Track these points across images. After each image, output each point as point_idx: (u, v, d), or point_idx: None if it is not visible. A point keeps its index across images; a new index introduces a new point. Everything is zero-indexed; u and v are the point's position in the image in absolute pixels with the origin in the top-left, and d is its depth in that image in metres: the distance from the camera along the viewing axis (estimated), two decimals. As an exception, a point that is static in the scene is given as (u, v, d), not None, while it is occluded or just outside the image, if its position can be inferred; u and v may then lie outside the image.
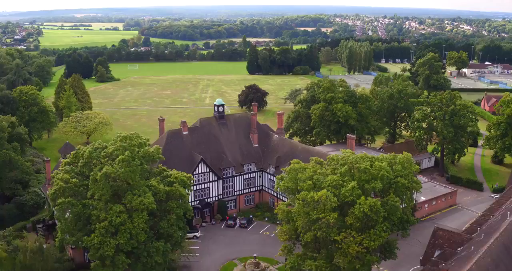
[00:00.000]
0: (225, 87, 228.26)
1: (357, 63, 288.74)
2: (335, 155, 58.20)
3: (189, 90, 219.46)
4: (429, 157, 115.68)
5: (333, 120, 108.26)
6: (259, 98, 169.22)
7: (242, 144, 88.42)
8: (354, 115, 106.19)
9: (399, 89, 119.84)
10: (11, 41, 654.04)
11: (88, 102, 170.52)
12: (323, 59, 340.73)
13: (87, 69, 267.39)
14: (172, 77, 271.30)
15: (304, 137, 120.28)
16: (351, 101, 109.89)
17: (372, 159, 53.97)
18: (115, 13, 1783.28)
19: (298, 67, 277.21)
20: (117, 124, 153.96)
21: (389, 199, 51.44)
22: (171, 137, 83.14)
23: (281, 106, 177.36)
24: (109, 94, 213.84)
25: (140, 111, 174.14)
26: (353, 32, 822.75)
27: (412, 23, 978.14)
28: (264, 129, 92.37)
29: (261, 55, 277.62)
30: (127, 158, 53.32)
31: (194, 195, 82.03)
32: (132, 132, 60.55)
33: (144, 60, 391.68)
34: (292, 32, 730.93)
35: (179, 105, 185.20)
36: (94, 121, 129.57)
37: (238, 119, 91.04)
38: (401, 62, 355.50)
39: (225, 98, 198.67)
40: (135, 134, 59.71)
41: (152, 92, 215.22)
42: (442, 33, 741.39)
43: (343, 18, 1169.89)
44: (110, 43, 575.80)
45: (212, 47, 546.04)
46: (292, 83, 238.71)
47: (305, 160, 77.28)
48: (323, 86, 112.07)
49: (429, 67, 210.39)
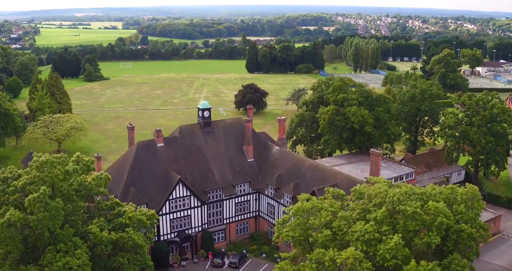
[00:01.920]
0: (222, 87, 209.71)
1: (364, 62, 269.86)
2: (363, 186, 39.55)
3: (182, 90, 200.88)
4: (459, 170, 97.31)
5: (346, 127, 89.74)
6: (257, 99, 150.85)
7: (234, 158, 69.97)
8: (371, 120, 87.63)
9: (423, 89, 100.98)
10: (6, 40, 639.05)
11: (67, 104, 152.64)
12: (327, 57, 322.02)
13: (75, 68, 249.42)
14: (165, 76, 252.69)
15: (310, 145, 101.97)
16: (367, 103, 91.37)
17: (423, 196, 35.31)
18: (115, 12, 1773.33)
19: (301, 66, 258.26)
20: (96, 129, 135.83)
21: (453, 261, 32.90)
22: (142, 150, 64.79)
23: (283, 108, 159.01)
24: (94, 94, 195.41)
25: (125, 113, 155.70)
26: (356, 31, 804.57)
27: (415, 22, 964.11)
28: (261, 140, 73.88)
29: (261, 52, 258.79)
30: (42, 198, 34.65)
31: (171, 225, 63.65)
32: (58, 155, 41.64)
33: (139, 59, 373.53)
34: (293, 31, 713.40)
35: (169, 106, 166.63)
36: (65, 126, 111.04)
37: (228, 127, 72.44)
38: (409, 60, 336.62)
39: (221, 99, 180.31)
40: (62, 157, 40.79)
41: (141, 93, 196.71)
42: (446, 32, 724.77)
43: (345, 17, 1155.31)
44: (107, 42, 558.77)
45: (211, 46, 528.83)
46: (295, 83, 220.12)
47: (314, 181, 58.97)
48: (333, 85, 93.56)
49: (445, 65, 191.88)
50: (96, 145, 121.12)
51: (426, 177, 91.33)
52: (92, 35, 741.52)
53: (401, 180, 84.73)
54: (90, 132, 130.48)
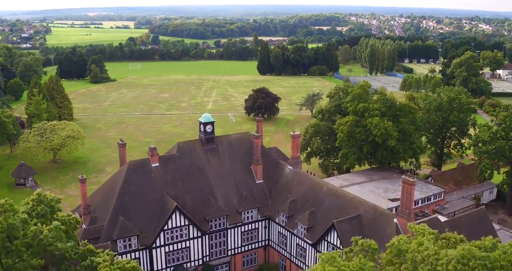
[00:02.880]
0: (232, 90, 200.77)
1: (380, 63, 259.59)
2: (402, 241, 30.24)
3: (191, 93, 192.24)
4: (491, 188, 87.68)
5: (366, 140, 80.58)
6: (269, 104, 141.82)
7: (240, 180, 61.04)
8: (394, 133, 78.33)
9: (451, 97, 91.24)
10: (17, 39, 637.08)
11: (68, 108, 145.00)
12: (341, 58, 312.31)
13: (81, 69, 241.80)
14: (174, 77, 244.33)
15: (325, 158, 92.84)
16: (390, 113, 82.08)
17: (486, 262, 26.06)
18: (128, 11, 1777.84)
19: (315, 67, 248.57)
20: (96, 135, 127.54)
21: None
22: (133, 172, 56.06)
23: (296, 114, 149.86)
24: (99, 97, 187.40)
25: (129, 118, 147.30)
26: (370, 31, 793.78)
27: (429, 22, 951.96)
28: (272, 158, 64.86)
29: (273, 53, 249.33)
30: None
31: (166, 259, 54.83)
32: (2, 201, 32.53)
33: (148, 59, 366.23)
34: (306, 31, 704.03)
35: (175, 111, 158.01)
36: (60, 134, 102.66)
37: (234, 143, 63.42)
38: (426, 62, 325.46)
39: (230, 103, 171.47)
40: (7, 204, 31.76)
41: (147, 95, 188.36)
42: (462, 33, 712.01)
43: (358, 17, 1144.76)
44: (117, 42, 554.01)
45: (223, 46, 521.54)
46: (308, 86, 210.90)
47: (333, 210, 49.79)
48: (353, 93, 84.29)
49: (467, 68, 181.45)
50: (95, 154, 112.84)
51: (455, 197, 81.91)
52: (104, 34, 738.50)
53: (428, 201, 75.60)
54: (90, 139, 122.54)
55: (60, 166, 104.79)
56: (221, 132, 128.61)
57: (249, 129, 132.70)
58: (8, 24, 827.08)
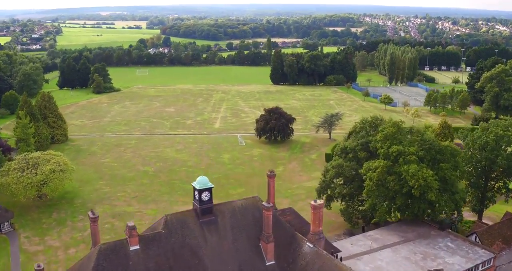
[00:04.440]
0: (243, 103, 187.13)
1: (400, 72, 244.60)
2: None
3: (198, 108, 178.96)
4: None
5: (400, 191, 66.82)
6: (283, 126, 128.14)
7: (246, 262, 47.34)
8: (435, 185, 64.45)
9: (498, 135, 76.74)
10: (27, 40, 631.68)
11: (62, 128, 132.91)
12: (358, 65, 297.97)
13: (84, 77, 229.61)
14: (181, 87, 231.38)
15: (349, 203, 78.99)
16: (429, 157, 68.20)
17: None
18: (140, 11, 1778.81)
19: (331, 77, 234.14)
20: (90, 162, 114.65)
21: None
22: (105, 258, 42.58)
23: (312, 135, 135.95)
24: (100, 111, 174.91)
25: (128, 139, 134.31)
26: (385, 33, 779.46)
27: (445, 23, 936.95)
28: (286, 230, 50.86)
29: (287, 62, 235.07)
30: None
31: None
32: None
33: (157, 64, 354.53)
34: (320, 32, 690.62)
35: (180, 130, 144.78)
36: (44, 169, 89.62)
37: (239, 213, 49.52)
38: (448, 69, 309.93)
39: (240, 120, 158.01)
40: None
41: (151, 110, 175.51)
42: (479, 35, 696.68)
43: (373, 18, 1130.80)
44: (128, 43, 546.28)
45: (235, 48, 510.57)
46: (324, 98, 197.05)
47: None
48: (384, 132, 70.34)
49: (498, 83, 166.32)
50: (85, 187, 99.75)
51: (504, 259, 67.98)
52: (115, 35, 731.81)
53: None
54: (82, 167, 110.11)
55: (44, 204, 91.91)
56: (228, 160, 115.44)
57: (260, 155, 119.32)
58: (20, 25, 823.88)
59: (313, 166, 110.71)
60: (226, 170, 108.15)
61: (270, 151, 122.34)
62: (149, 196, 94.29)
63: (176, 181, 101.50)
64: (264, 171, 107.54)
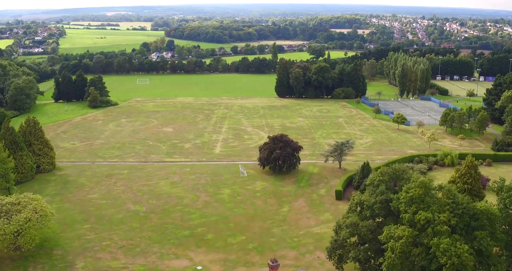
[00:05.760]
0: (246, 122, 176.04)
1: (412, 84, 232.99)
2: None
3: (198, 127, 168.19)
4: None
5: (429, 267, 55.82)
6: (289, 155, 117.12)
7: None
8: (471, 262, 53.49)
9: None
10: (29, 43, 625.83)
11: (48, 156, 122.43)
12: (367, 73, 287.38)
13: (80, 90, 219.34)
14: (181, 101, 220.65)
15: (365, 266, 67.98)
16: (463, 225, 57.22)
17: None
18: (146, 11, 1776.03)
19: (339, 90, 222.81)
20: (76, 199, 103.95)
21: None
22: None
23: (320, 163, 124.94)
24: (93, 130, 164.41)
25: (121, 168, 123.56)
26: (392, 35, 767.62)
27: (453, 25, 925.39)
28: None
29: (293, 74, 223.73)
30: None
31: None
32: None
33: (159, 70, 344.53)
34: (327, 35, 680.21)
35: (177, 157, 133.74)
36: (18, 218, 78.97)
37: None
38: (460, 79, 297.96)
39: (243, 143, 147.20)
40: None
41: (148, 129, 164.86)
42: (488, 37, 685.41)
43: (379, 19, 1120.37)
44: (131, 46, 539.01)
45: (240, 52, 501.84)
46: (333, 115, 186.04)
47: None
48: (409, 194, 59.26)
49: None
50: (67, 233, 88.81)
51: None
52: (119, 37, 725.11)
53: None
54: (67, 205, 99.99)
55: (21, 256, 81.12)
56: (228, 196, 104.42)
57: (263, 190, 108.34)
58: (23, 27, 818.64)
59: (322, 205, 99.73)
60: (225, 210, 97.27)
61: (274, 184, 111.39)
62: (138, 246, 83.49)
63: (168, 225, 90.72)
64: (267, 212, 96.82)
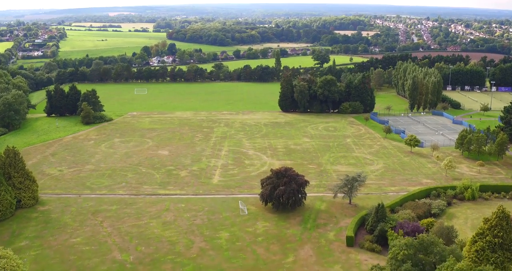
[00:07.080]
0: (247, 143, 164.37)
1: (422, 98, 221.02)
2: None
3: (195, 149, 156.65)
4: None
5: None
6: (293, 192, 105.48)
7: None
8: None
9: None
10: (29, 46, 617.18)
11: (30, 190, 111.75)
12: (374, 83, 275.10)
13: (73, 103, 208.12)
14: (179, 116, 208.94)
15: None
16: None
17: None
18: (148, 12, 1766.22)
19: (346, 104, 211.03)
20: (57, 242, 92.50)
21: None
22: None
23: (329, 197, 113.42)
24: (84, 152, 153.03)
25: (109, 203, 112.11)
26: (397, 37, 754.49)
27: (458, 26, 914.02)
28: None
29: (298, 88, 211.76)
30: None
31: None
32: None
33: (158, 79, 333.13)
34: (331, 37, 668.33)
35: (171, 188, 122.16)
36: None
37: None
38: (471, 89, 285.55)
39: (244, 170, 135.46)
40: None
41: (143, 152, 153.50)
42: (494, 40, 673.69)
43: (383, 20, 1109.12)
44: (132, 50, 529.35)
45: (242, 56, 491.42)
46: (340, 134, 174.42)
47: None
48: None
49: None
50: (41, 293, 77.70)
51: None
52: (120, 39, 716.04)
53: None
54: (47, 252, 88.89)
55: None
56: (226, 241, 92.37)
57: (265, 233, 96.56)
58: (23, 28, 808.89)
59: (331, 254, 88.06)
60: (222, 261, 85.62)
61: (278, 225, 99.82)
62: (121, 310, 72.25)
63: (157, 282, 79.34)
64: (270, 263, 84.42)
